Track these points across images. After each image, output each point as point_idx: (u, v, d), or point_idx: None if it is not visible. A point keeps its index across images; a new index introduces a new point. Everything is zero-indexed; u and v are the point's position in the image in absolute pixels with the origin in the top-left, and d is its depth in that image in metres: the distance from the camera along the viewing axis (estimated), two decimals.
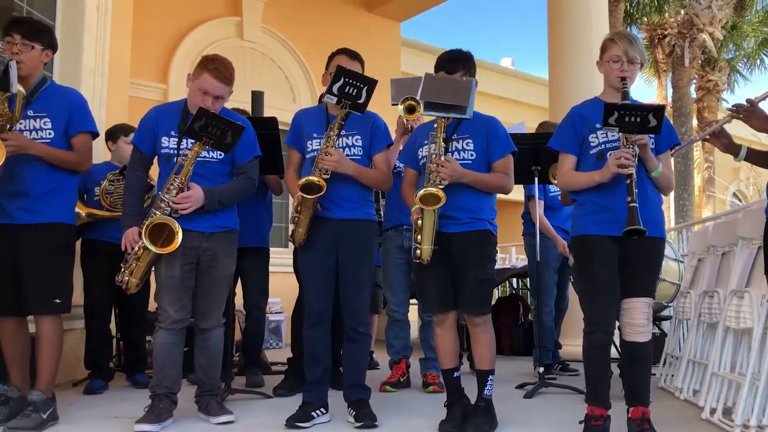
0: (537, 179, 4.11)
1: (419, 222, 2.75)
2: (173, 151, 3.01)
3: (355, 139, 3.07)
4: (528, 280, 6.01)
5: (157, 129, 3.06)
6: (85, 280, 4.11)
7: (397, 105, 4.04)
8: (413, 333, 4.33)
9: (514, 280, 6.93)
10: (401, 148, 3.81)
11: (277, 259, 4.73)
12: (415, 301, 4.43)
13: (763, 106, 2.96)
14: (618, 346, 3.00)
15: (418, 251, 2.78)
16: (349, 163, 2.99)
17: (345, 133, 3.04)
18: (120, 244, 2.98)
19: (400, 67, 8.83)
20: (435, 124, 2.86)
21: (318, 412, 2.99)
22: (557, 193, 4.59)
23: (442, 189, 2.74)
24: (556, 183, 4.22)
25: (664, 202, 2.82)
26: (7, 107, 2.85)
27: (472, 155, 2.90)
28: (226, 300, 3.19)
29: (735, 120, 3.19)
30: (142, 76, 6.51)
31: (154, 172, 3.16)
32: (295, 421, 2.90)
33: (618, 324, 2.73)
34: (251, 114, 4.07)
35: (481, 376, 2.89)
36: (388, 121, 3.25)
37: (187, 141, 2.98)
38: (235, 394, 3.59)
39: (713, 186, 15.79)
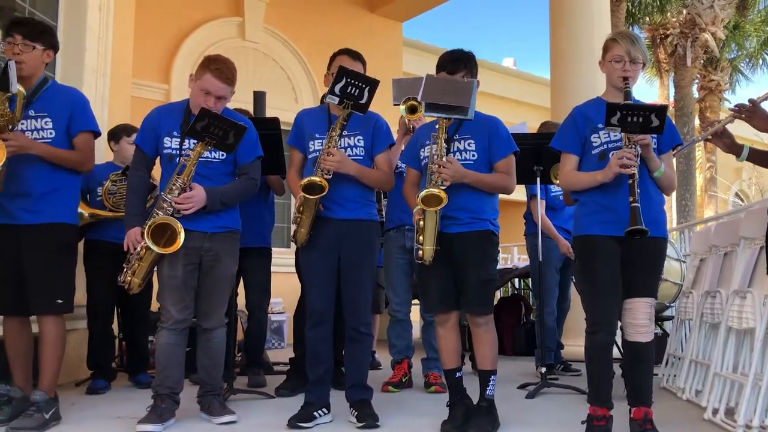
0: (539, 179, 4.11)
1: (421, 223, 2.75)
2: (176, 152, 3.01)
3: (357, 140, 3.07)
4: (530, 280, 6.00)
5: (160, 129, 3.07)
6: (87, 280, 4.11)
7: (398, 105, 4.05)
8: (415, 333, 4.33)
9: (516, 280, 6.93)
10: (403, 148, 3.82)
11: (279, 260, 4.74)
12: (417, 301, 4.42)
13: (766, 106, 2.96)
14: (620, 346, 2.99)
15: (420, 252, 2.78)
16: (351, 163, 2.99)
17: (347, 133, 3.04)
18: (123, 245, 2.99)
19: (402, 67, 8.82)
20: (437, 125, 2.86)
21: (320, 412, 2.99)
22: (559, 193, 4.58)
23: (444, 190, 2.74)
24: (557, 183, 4.22)
25: (666, 202, 2.82)
26: (7, 107, 2.85)
27: (473, 156, 2.90)
28: (228, 300, 3.20)
29: (737, 120, 3.19)
30: (144, 77, 6.51)
31: (157, 172, 3.17)
32: (297, 421, 2.91)
33: (620, 324, 2.73)
34: (253, 114, 4.08)
35: (484, 377, 2.89)
36: (390, 121, 3.25)
37: (189, 141, 2.98)
38: (237, 394, 3.59)
39: (715, 186, 15.77)
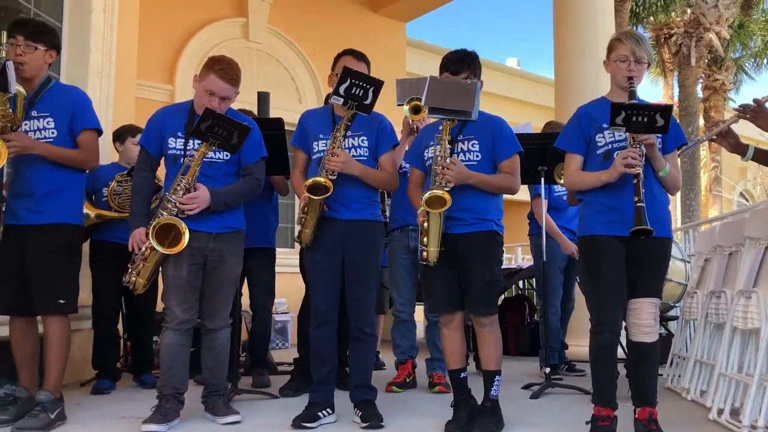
0: (543, 179, 4.10)
1: (425, 224, 2.75)
2: (180, 152, 3.02)
3: (361, 140, 3.07)
4: (534, 280, 6.00)
5: (164, 130, 3.07)
6: (93, 280, 4.13)
7: (402, 105, 4.05)
8: (419, 333, 4.33)
9: (520, 281, 6.91)
10: (407, 148, 3.82)
11: (283, 260, 4.74)
12: (420, 301, 4.42)
13: None
14: (624, 346, 2.99)
15: (425, 253, 2.78)
16: (356, 163, 2.99)
17: (351, 133, 3.04)
18: (128, 245, 2.99)
19: (406, 67, 8.82)
20: (440, 126, 2.85)
21: (324, 412, 2.99)
22: (562, 193, 4.57)
23: (448, 191, 2.74)
24: (562, 183, 4.21)
25: (671, 202, 2.81)
26: (9, 108, 2.86)
27: (477, 156, 2.90)
28: (232, 300, 3.20)
29: (742, 120, 3.19)
30: (148, 78, 6.52)
31: (162, 172, 3.17)
32: (301, 421, 2.91)
33: (624, 324, 2.73)
34: (257, 115, 4.08)
35: (488, 377, 2.89)
36: (393, 122, 3.24)
37: (193, 142, 2.99)
38: (241, 395, 3.59)
39: (720, 186, 15.73)
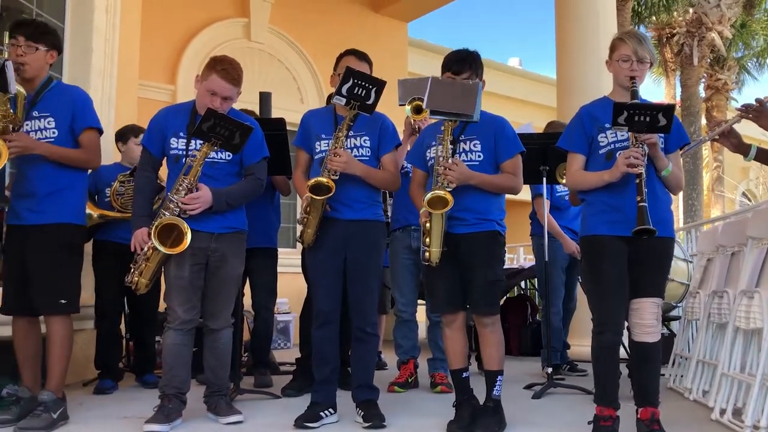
0: (545, 179, 4.10)
1: (427, 225, 2.75)
2: (182, 152, 3.02)
3: (364, 140, 3.07)
4: (536, 280, 5.99)
5: (166, 130, 3.08)
6: (96, 280, 4.13)
7: (404, 105, 4.05)
8: (421, 333, 4.33)
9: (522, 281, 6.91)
10: (409, 148, 3.82)
11: (285, 260, 4.74)
12: (422, 301, 4.42)
13: None
14: (627, 346, 2.99)
15: (427, 254, 2.78)
16: (358, 164, 2.99)
17: (353, 133, 3.04)
18: (130, 245, 2.99)
19: (407, 67, 8.82)
20: (442, 127, 2.85)
21: (326, 412, 2.99)
22: (564, 193, 4.57)
23: (450, 192, 2.73)
24: (564, 183, 4.21)
25: (673, 202, 2.81)
26: (9, 108, 2.87)
27: (479, 156, 2.90)
28: (234, 300, 3.20)
29: (744, 119, 3.18)
30: (150, 78, 6.53)
31: (165, 173, 3.17)
32: (303, 421, 2.91)
33: (627, 324, 2.72)
34: (259, 115, 4.08)
35: (490, 377, 2.89)
36: (395, 122, 3.25)
37: (195, 142, 2.99)
38: (243, 395, 3.59)
39: (722, 185, 15.71)
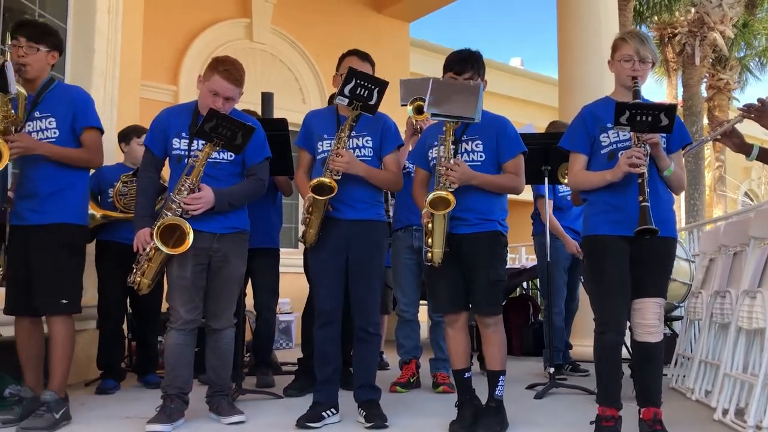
0: (546, 179, 4.09)
1: (430, 225, 2.75)
2: (184, 153, 3.03)
3: (366, 140, 3.08)
4: (538, 280, 5.99)
5: (168, 130, 3.08)
6: (99, 280, 4.14)
7: (406, 106, 4.05)
8: (423, 333, 4.33)
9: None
10: (411, 148, 3.82)
11: (287, 260, 4.74)
12: (425, 301, 4.42)
13: None
14: (629, 346, 2.98)
15: (429, 254, 2.78)
16: (360, 164, 3.00)
17: (355, 134, 3.05)
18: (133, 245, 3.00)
19: (409, 67, 8.81)
20: (444, 127, 2.85)
21: (328, 412, 2.99)
22: (566, 193, 4.57)
23: (452, 192, 2.73)
24: (566, 183, 4.21)
25: (675, 202, 2.80)
26: (10, 109, 2.88)
27: (481, 156, 2.90)
28: (237, 300, 3.20)
29: (746, 119, 3.18)
30: (152, 78, 6.53)
31: (168, 173, 3.18)
32: (305, 421, 2.91)
33: (629, 324, 2.72)
34: (261, 115, 4.09)
35: (492, 377, 2.88)
36: (397, 122, 3.25)
37: (197, 142, 2.99)
38: (245, 395, 3.60)
39: (724, 185, 15.68)
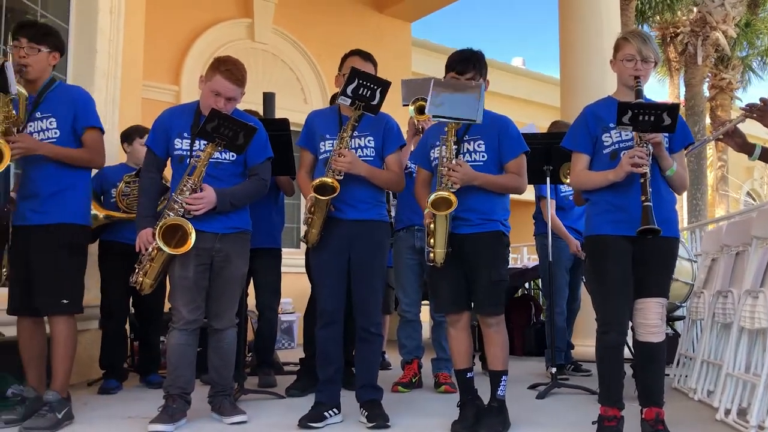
0: (548, 179, 4.09)
1: (432, 226, 2.75)
2: (186, 153, 3.03)
3: (368, 140, 3.07)
4: (540, 280, 5.98)
5: (170, 131, 3.08)
6: (102, 281, 4.15)
7: (407, 106, 4.05)
8: (425, 333, 4.33)
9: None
10: (412, 148, 3.82)
11: (288, 260, 4.74)
12: (426, 301, 4.42)
13: None
14: (631, 346, 2.98)
15: (432, 254, 2.78)
16: (362, 164, 3.00)
17: (357, 134, 3.05)
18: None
19: (411, 67, 8.82)
20: (446, 127, 2.85)
21: (330, 412, 2.99)
22: (568, 193, 4.57)
23: (454, 192, 2.73)
24: (568, 183, 4.20)
25: (677, 202, 2.80)
26: (12, 110, 2.88)
27: (483, 156, 2.89)
28: (238, 300, 3.21)
29: (749, 119, 3.17)
30: (154, 78, 6.54)
31: (170, 173, 3.18)
32: (307, 421, 2.91)
33: (631, 324, 2.72)
34: (263, 115, 4.09)
35: (495, 377, 2.88)
36: (399, 122, 3.24)
37: (199, 142, 2.99)
38: (247, 394, 3.60)
39: (727, 185, 15.66)
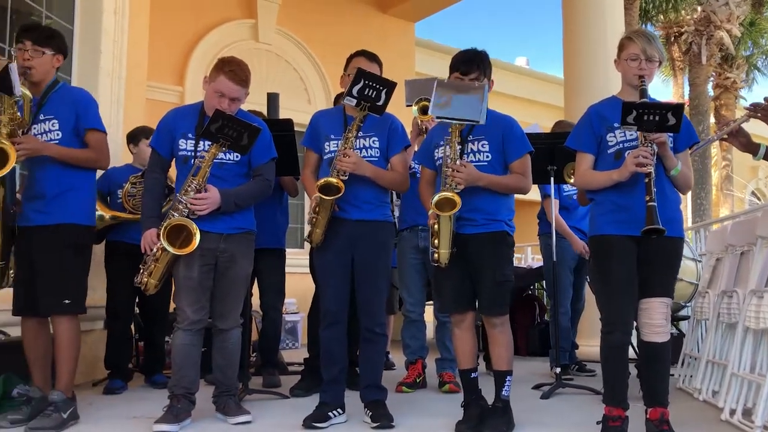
0: (552, 179, 4.09)
1: (436, 226, 2.75)
2: (190, 153, 3.03)
3: (373, 141, 3.08)
4: (544, 280, 5.97)
5: (175, 131, 3.09)
6: (108, 281, 4.16)
7: (411, 106, 4.05)
8: (429, 333, 4.33)
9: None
10: (416, 148, 3.82)
11: (292, 260, 4.75)
12: (430, 301, 4.42)
13: None
14: (636, 346, 2.98)
15: (436, 255, 2.78)
16: (367, 164, 3.00)
17: (362, 134, 3.05)
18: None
19: (415, 67, 8.81)
20: (450, 128, 2.85)
21: (335, 412, 3.00)
22: (572, 193, 4.56)
23: (458, 193, 2.73)
24: (572, 182, 4.20)
25: (682, 201, 2.79)
26: (16, 111, 2.89)
27: (487, 157, 2.89)
28: (243, 301, 3.21)
29: (753, 118, 3.17)
30: (158, 79, 6.55)
31: (175, 174, 3.18)
32: (312, 422, 2.92)
33: (636, 324, 2.71)
34: (267, 116, 4.09)
35: (499, 377, 2.88)
36: (403, 122, 3.24)
37: (204, 143, 3.00)
38: (252, 395, 3.61)
39: (731, 184, 15.62)
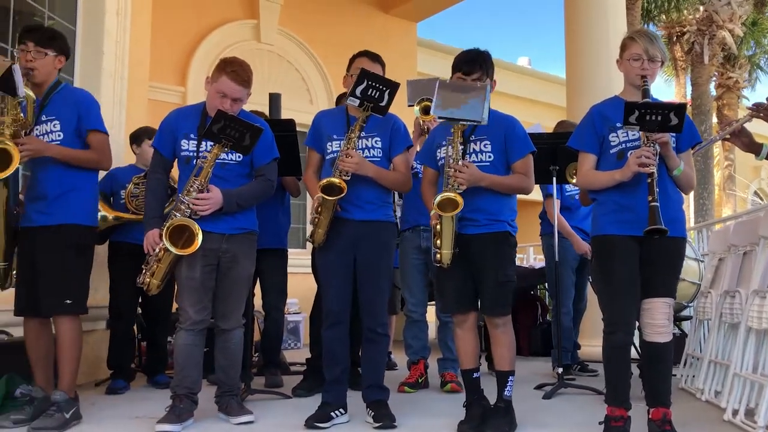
0: (555, 179, 4.08)
1: (438, 227, 2.75)
2: (193, 154, 3.04)
3: (375, 141, 3.08)
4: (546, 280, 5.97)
5: (177, 132, 3.09)
6: (111, 281, 4.17)
7: (413, 106, 4.05)
8: (431, 333, 4.33)
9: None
10: (418, 149, 3.82)
11: (295, 260, 4.75)
12: (432, 301, 4.42)
13: None
14: (638, 346, 2.97)
15: (438, 255, 2.78)
16: (369, 165, 3.00)
17: (365, 134, 3.05)
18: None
19: (417, 67, 8.81)
20: (452, 128, 2.84)
21: (337, 412, 3.00)
22: (574, 193, 4.56)
23: (461, 193, 2.73)
24: (574, 182, 4.19)
25: (684, 201, 2.79)
26: (20, 112, 2.90)
27: (490, 157, 2.89)
28: (245, 301, 3.21)
29: (756, 118, 3.16)
30: (160, 80, 6.57)
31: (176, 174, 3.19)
32: (314, 422, 2.92)
33: (638, 324, 2.71)
34: (269, 116, 4.10)
35: (501, 377, 2.88)
36: (404, 122, 3.24)
37: (206, 143, 3.00)
38: (254, 395, 3.61)
39: (734, 184, 15.60)
